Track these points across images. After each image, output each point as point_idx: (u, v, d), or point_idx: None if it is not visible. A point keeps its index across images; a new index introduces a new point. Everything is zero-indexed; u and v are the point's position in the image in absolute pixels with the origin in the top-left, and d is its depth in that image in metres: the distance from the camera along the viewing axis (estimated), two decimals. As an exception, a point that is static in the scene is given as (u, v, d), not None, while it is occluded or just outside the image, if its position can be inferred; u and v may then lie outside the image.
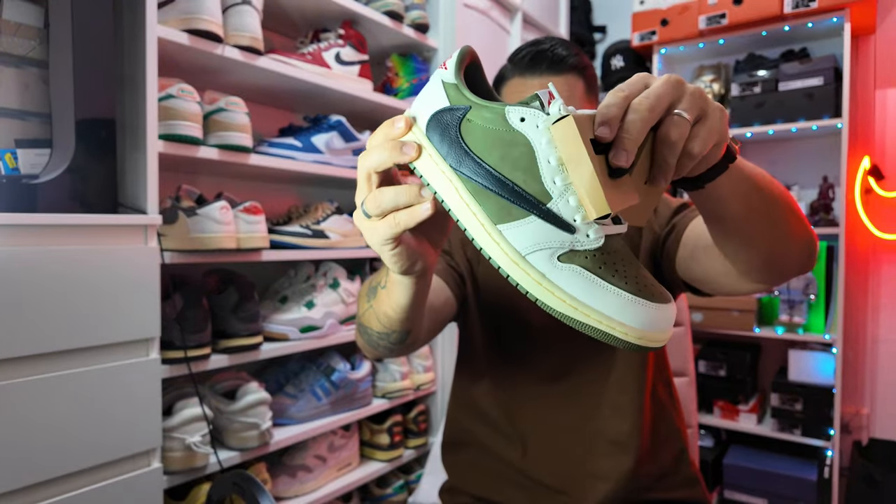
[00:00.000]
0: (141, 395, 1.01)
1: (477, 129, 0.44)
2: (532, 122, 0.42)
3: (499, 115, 0.43)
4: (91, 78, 0.99)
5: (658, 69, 2.38)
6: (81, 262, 0.93)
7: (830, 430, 2.03)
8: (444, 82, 0.47)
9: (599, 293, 0.41)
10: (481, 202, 0.44)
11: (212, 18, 1.17)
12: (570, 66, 0.87)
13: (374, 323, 0.71)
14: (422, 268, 0.55)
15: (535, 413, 0.93)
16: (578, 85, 0.88)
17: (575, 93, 0.87)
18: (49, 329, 0.89)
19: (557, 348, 0.92)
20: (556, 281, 0.42)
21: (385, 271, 0.65)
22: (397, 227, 0.48)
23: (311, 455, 1.46)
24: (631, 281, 0.41)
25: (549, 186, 0.41)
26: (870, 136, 2.22)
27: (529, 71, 0.87)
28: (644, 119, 0.41)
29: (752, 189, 0.55)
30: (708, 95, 0.46)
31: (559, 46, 0.88)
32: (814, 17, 2.07)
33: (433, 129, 0.46)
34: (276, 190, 1.70)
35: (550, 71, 0.86)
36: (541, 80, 0.86)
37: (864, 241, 2.20)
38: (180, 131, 1.14)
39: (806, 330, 2.11)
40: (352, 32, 1.55)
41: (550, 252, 0.42)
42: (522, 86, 0.88)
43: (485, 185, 0.43)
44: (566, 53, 0.87)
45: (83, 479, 0.94)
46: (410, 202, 0.47)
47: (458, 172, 0.44)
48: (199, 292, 1.19)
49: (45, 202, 0.93)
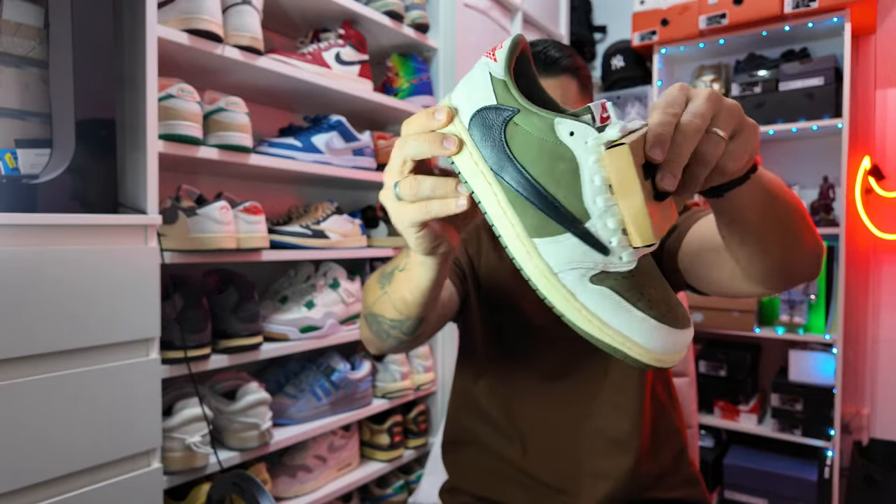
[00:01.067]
0: (141, 396, 1.01)
1: (523, 136, 0.43)
2: (581, 137, 0.41)
3: (548, 124, 0.42)
4: (91, 78, 0.99)
5: (658, 69, 2.38)
6: (81, 262, 0.93)
7: (831, 430, 2.03)
8: (493, 76, 0.45)
9: (625, 316, 0.41)
10: (519, 212, 0.43)
11: (212, 18, 1.17)
12: (563, 67, 0.86)
13: (387, 310, 0.70)
14: (446, 250, 0.55)
15: (536, 412, 0.93)
16: (572, 86, 0.87)
17: (569, 94, 0.86)
18: (49, 329, 0.89)
19: (558, 347, 0.92)
20: (584, 301, 0.42)
21: (405, 254, 0.65)
22: (427, 215, 0.48)
23: (311, 455, 1.46)
24: (656, 305, 0.42)
25: (590, 206, 0.41)
26: (870, 136, 2.22)
27: None
28: (692, 141, 0.41)
29: (769, 197, 0.55)
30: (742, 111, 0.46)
31: (552, 48, 0.87)
32: (814, 17, 2.07)
33: (476, 126, 0.45)
34: (276, 190, 1.70)
35: (544, 73, 0.85)
36: (543, 81, 0.85)
37: (865, 241, 2.20)
38: (180, 131, 1.14)
39: (806, 330, 2.10)
40: (352, 32, 1.55)
41: (583, 272, 0.42)
42: None
43: (525, 195, 0.43)
44: (559, 55, 0.86)
45: (83, 479, 0.94)
46: (447, 195, 0.47)
47: (499, 177, 0.44)
48: (199, 292, 1.18)
49: (45, 202, 0.93)
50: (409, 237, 0.52)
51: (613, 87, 2.66)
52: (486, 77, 0.46)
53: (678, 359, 0.43)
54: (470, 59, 1.86)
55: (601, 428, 0.90)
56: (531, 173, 0.42)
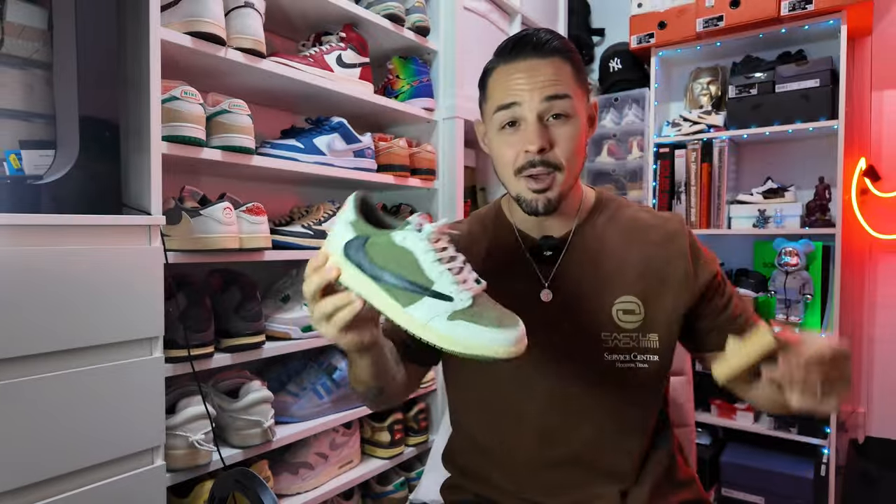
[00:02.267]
0: (144, 394, 1.01)
1: (377, 249, 0.65)
2: (411, 239, 0.65)
3: (389, 238, 0.66)
4: (95, 79, 0.99)
5: (655, 71, 2.38)
6: (86, 262, 0.93)
7: (827, 428, 2.03)
8: (349, 221, 0.68)
9: (476, 332, 0.60)
10: (393, 296, 0.64)
11: (214, 21, 1.17)
12: (553, 48, 0.84)
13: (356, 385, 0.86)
14: (368, 342, 0.71)
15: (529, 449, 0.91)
16: (565, 68, 0.85)
17: (561, 76, 0.84)
18: (53, 328, 0.89)
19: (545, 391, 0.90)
20: (451, 334, 0.61)
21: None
22: (340, 323, 0.66)
23: (313, 452, 1.46)
24: (494, 320, 0.61)
25: (432, 276, 0.63)
26: (866, 137, 2.22)
27: (514, 57, 0.85)
28: None
29: None
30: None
31: (543, 32, 0.86)
32: (810, 20, 2.07)
33: (348, 252, 0.67)
34: (279, 191, 1.70)
35: (535, 54, 0.84)
36: (526, 62, 0.84)
37: (861, 242, 2.20)
38: (184, 133, 1.14)
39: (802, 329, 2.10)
40: (353, 35, 1.55)
41: (442, 316, 0.62)
42: (508, 71, 0.85)
43: (392, 283, 0.64)
44: (549, 37, 0.85)
45: (87, 476, 0.94)
46: (345, 304, 0.66)
47: (373, 279, 0.65)
48: (202, 292, 1.19)
49: (49, 203, 0.93)
50: (341, 345, 0.69)
51: (611, 90, 2.66)
52: (346, 223, 0.68)
53: (522, 347, 0.61)
54: (470, 62, 1.87)
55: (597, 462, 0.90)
56: (390, 269, 0.64)
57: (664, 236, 0.91)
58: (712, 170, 2.26)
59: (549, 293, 0.90)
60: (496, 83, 0.87)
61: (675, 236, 0.91)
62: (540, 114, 0.83)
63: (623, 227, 0.93)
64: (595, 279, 0.90)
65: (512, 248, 0.94)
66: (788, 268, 2.06)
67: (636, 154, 2.53)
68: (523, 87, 0.83)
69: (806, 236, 2.11)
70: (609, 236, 0.92)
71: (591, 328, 0.88)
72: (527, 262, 0.93)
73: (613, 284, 0.89)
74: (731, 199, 2.28)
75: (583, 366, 0.89)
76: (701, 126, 2.30)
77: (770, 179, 2.25)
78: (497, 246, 0.96)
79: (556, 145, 0.84)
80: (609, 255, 0.90)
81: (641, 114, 2.54)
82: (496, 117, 0.86)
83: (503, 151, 0.87)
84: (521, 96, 0.83)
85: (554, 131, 0.84)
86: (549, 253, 0.91)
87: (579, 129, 0.85)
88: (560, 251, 0.92)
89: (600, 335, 0.88)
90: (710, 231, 2.27)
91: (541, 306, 0.90)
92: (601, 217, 0.94)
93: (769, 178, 2.26)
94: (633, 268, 0.89)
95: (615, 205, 0.96)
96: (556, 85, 0.83)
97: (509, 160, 0.86)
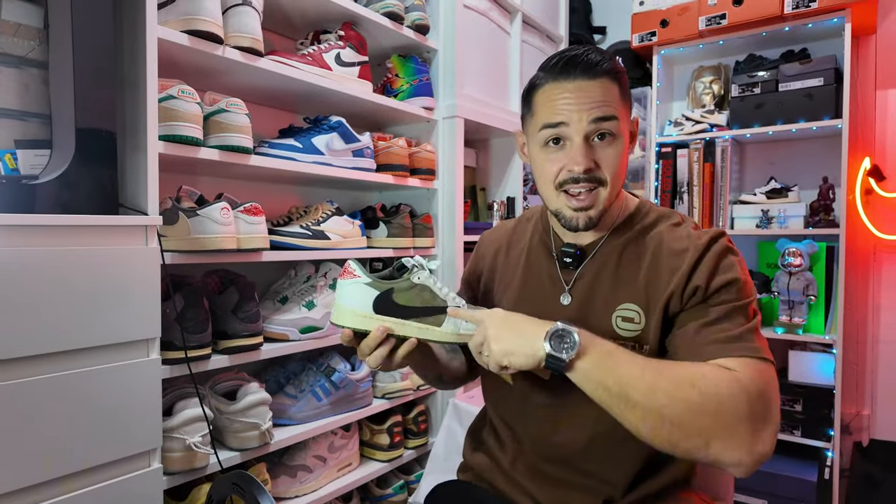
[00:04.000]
0: (141, 396, 1.01)
1: (401, 294, 0.85)
2: (423, 277, 0.85)
3: (408, 282, 0.85)
4: (91, 78, 0.99)
5: (657, 70, 2.38)
6: (82, 262, 0.93)
7: (830, 430, 2.03)
8: (366, 283, 0.85)
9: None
10: (426, 323, 0.84)
11: (212, 19, 1.17)
12: (603, 70, 0.86)
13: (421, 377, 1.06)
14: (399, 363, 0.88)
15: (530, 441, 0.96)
16: (613, 89, 0.86)
17: (609, 96, 0.86)
18: (50, 329, 0.89)
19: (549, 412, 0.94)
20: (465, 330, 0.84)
21: None
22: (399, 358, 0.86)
23: (312, 455, 1.46)
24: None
25: (446, 298, 0.85)
26: (870, 136, 2.22)
27: (563, 76, 0.86)
28: None
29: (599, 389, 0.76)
30: None
31: (592, 52, 0.87)
32: (814, 18, 2.07)
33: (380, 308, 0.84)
34: (277, 191, 1.70)
35: (584, 75, 0.85)
36: (575, 83, 0.85)
37: (865, 242, 2.20)
38: (181, 132, 1.14)
39: (806, 330, 2.10)
40: (352, 34, 1.55)
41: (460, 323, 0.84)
42: (556, 90, 0.87)
43: (423, 314, 0.84)
44: (599, 59, 0.86)
45: (84, 479, 0.94)
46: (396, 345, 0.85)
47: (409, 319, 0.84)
48: (200, 293, 1.19)
49: (44, 203, 0.94)
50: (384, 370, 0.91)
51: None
52: (361, 286, 0.85)
53: None
54: (470, 61, 1.87)
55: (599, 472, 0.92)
56: (415, 305, 0.84)
57: (682, 249, 0.88)
58: (715, 169, 2.26)
59: (568, 297, 0.94)
60: (543, 100, 0.89)
61: (692, 248, 0.87)
62: (587, 134, 0.85)
63: (647, 239, 0.93)
64: (605, 288, 0.92)
65: (546, 251, 1.00)
66: (792, 269, 2.06)
67: (638, 154, 2.53)
68: (572, 107, 0.85)
69: (809, 237, 2.11)
70: (631, 248, 0.93)
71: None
72: (554, 266, 0.97)
73: (618, 293, 0.90)
74: (733, 199, 2.28)
75: None
76: (703, 125, 2.30)
77: (773, 179, 2.25)
78: (533, 247, 1.02)
79: (600, 164, 0.86)
80: (624, 266, 0.92)
81: (643, 113, 2.54)
82: (541, 134, 0.88)
83: (546, 167, 0.89)
84: (569, 116, 0.85)
85: (599, 151, 0.86)
86: (568, 260, 0.94)
87: (623, 147, 0.88)
88: (584, 258, 0.95)
89: None
90: (713, 231, 2.27)
91: (560, 310, 0.93)
92: (633, 230, 0.94)
93: (772, 178, 2.26)
94: (643, 277, 0.90)
95: (653, 217, 0.95)
96: (605, 107, 0.85)
97: (551, 175, 0.88)
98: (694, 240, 0.89)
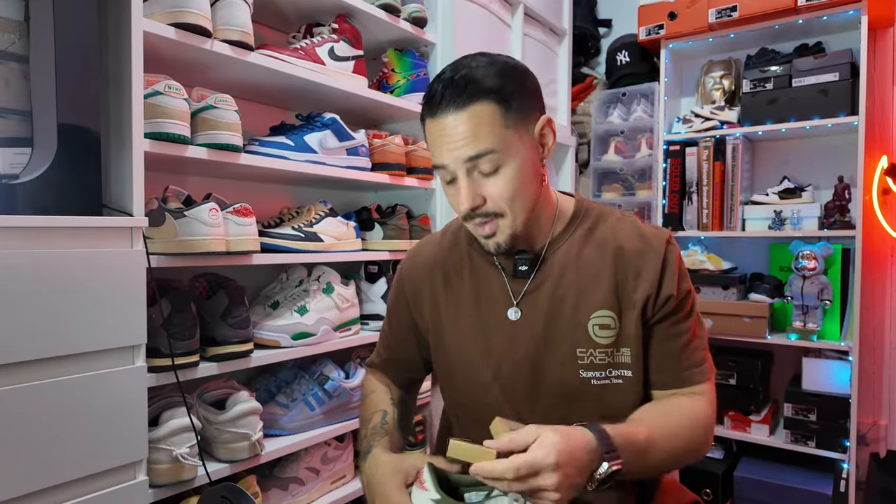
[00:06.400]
0: (126, 405, 1.01)
1: None
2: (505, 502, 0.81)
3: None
4: (74, 73, 0.99)
5: (665, 64, 2.39)
6: (64, 265, 0.93)
7: (846, 441, 2.03)
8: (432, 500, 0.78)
9: None
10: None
11: (200, 12, 1.18)
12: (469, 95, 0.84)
13: None
14: None
15: None
16: (487, 113, 0.84)
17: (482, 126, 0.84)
18: (29, 336, 0.89)
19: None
20: None
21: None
22: None
23: (304, 467, 1.46)
24: None
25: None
26: (888, 134, 2.22)
27: (433, 112, 0.87)
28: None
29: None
30: None
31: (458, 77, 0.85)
32: (829, 10, 2.08)
33: None
34: (268, 191, 1.70)
35: (452, 107, 0.84)
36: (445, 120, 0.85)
37: (882, 244, 2.21)
38: (167, 130, 1.14)
39: (820, 337, 2.11)
40: (346, 27, 1.55)
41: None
42: (432, 129, 0.88)
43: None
44: (464, 83, 0.84)
45: (66, 492, 0.94)
46: None
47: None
48: (187, 297, 1.19)
49: (25, 203, 0.94)
50: None
51: (618, 84, 2.67)
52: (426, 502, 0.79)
53: None
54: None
55: None
56: None
57: (640, 249, 0.93)
58: (725, 169, 2.26)
59: (517, 311, 0.94)
60: (428, 139, 0.91)
61: (651, 251, 0.93)
62: (468, 170, 0.86)
63: (600, 239, 0.95)
64: (570, 298, 0.92)
65: (489, 265, 1.00)
66: (806, 272, 2.07)
67: (645, 152, 2.54)
68: (446, 148, 0.86)
69: (824, 238, 2.12)
70: (585, 249, 0.94)
71: (566, 345, 0.92)
72: (501, 280, 0.98)
73: (588, 300, 0.92)
74: (745, 199, 2.29)
75: (556, 386, 0.93)
76: (713, 122, 2.31)
77: (786, 179, 2.26)
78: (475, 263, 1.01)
79: (488, 198, 0.87)
80: (584, 269, 0.93)
81: (650, 109, 2.54)
82: (438, 172, 0.92)
83: (450, 200, 0.92)
84: (446, 157, 0.87)
85: (485, 186, 0.87)
86: (524, 268, 0.95)
87: (515, 169, 0.87)
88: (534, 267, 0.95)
89: (575, 352, 0.91)
90: (724, 233, 2.28)
91: (507, 325, 0.94)
92: (578, 230, 0.96)
93: (785, 178, 2.27)
94: (608, 280, 0.92)
95: (595, 215, 0.98)
96: (476, 142, 0.84)
97: (456, 208, 0.91)
98: (649, 240, 0.94)
